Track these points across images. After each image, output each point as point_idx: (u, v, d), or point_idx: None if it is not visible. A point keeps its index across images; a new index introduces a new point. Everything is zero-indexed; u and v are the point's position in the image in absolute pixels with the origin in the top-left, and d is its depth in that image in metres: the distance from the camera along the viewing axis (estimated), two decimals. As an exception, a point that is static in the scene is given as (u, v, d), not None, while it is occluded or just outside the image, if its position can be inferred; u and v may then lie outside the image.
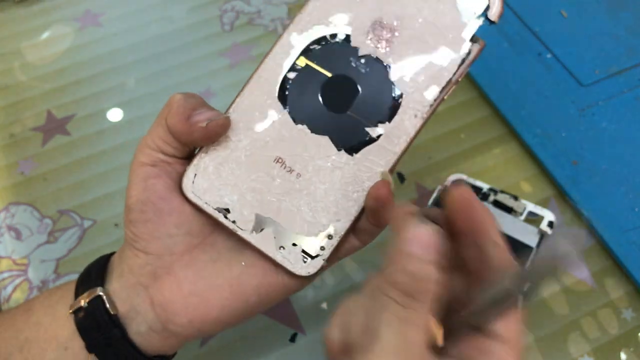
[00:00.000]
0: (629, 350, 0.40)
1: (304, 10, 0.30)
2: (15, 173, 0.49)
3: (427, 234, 0.23)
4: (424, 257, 0.23)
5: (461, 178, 0.26)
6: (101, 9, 0.59)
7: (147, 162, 0.30)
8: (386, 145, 0.29)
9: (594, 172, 0.46)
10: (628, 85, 0.50)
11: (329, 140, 0.29)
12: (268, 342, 0.41)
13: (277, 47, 0.30)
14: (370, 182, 0.29)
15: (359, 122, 0.29)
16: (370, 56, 0.30)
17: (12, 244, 0.45)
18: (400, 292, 0.23)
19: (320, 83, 0.30)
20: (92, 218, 0.47)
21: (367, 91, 0.29)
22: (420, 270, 0.23)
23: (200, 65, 0.55)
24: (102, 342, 0.30)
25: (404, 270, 0.23)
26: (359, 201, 0.29)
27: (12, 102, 0.53)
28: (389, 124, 0.29)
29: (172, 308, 0.30)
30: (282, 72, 0.30)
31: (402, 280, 0.23)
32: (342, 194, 0.29)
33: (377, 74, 0.29)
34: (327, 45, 0.30)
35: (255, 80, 0.30)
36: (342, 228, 0.29)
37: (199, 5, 0.59)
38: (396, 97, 0.29)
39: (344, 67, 0.30)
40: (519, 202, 0.44)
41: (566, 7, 0.55)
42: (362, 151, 0.29)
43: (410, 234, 0.23)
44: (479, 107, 0.51)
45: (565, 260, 0.21)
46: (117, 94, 0.53)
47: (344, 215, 0.29)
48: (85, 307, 0.30)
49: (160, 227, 0.30)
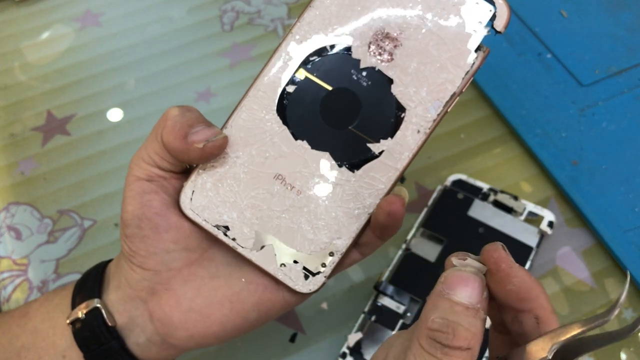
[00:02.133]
0: (629, 350, 0.40)
1: (303, 19, 0.29)
2: (15, 173, 0.49)
3: (475, 282, 0.23)
4: (469, 308, 0.22)
5: (497, 243, 0.25)
6: (101, 9, 0.59)
7: (143, 176, 0.29)
8: (388, 162, 0.28)
9: (594, 172, 0.46)
10: (628, 85, 0.50)
11: (329, 156, 0.29)
12: (268, 342, 0.41)
13: (275, 58, 0.29)
14: (372, 199, 0.29)
15: (360, 137, 0.29)
16: (372, 69, 0.29)
17: (12, 244, 0.45)
18: (431, 340, 0.22)
19: (320, 97, 0.29)
20: (92, 218, 0.47)
21: (368, 105, 0.29)
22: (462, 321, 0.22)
23: (200, 65, 0.55)
24: (101, 354, 0.30)
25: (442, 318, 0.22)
26: (360, 218, 0.29)
27: (12, 102, 0.53)
28: (391, 139, 0.28)
29: (171, 323, 0.30)
30: (280, 85, 0.29)
31: (436, 328, 0.22)
32: (344, 211, 0.29)
33: (379, 87, 0.29)
34: (327, 57, 0.29)
35: (253, 93, 0.29)
36: (343, 245, 0.29)
37: (199, 5, 0.59)
38: (398, 112, 0.28)
39: (344, 80, 0.29)
40: (519, 202, 0.44)
41: (566, 7, 0.55)
42: (363, 168, 0.29)
43: (456, 280, 0.23)
44: (479, 107, 0.51)
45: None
46: (117, 94, 0.53)
47: (345, 233, 0.29)
48: (83, 319, 0.30)
49: (157, 243, 0.29)
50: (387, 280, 0.41)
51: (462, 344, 0.22)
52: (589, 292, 0.42)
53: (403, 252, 0.42)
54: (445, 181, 0.46)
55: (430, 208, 0.45)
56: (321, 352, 0.41)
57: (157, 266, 0.29)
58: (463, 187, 0.45)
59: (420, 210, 0.45)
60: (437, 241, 0.43)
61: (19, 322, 0.32)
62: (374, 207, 0.29)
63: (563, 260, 0.43)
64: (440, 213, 0.44)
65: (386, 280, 0.41)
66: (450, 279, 0.23)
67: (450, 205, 0.44)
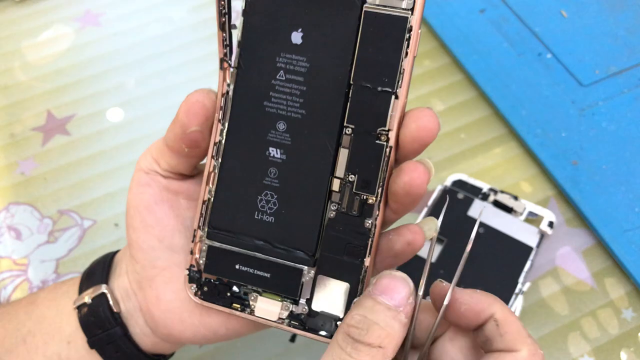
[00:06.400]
0: (629, 350, 0.40)
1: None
2: (15, 173, 0.49)
3: (402, 287, 0.23)
4: (390, 309, 0.23)
5: (437, 281, 0.26)
6: (101, 9, 0.59)
7: (143, 168, 0.30)
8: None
9: (594, 172, 0.46)
10: (628, 85, 0.50)
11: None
12: (268, 342, 0.41)
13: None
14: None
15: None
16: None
17: (12, 244, 0.45)
18: (345, 334, 0.23)
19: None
20: (92, 218, 0.47)
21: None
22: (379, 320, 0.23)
23: (200, 65, 0.55)
24: (104, 339, 0.30)
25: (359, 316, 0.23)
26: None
27: (12, 102, 0.53)
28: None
29: (153, 319, 0.30)
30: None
31: (353, 324, 0.23)
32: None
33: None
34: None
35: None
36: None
37: (199, 5, 0.59)
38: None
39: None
40: (519, 202, 0.44)
41: (566, 7, 0.55)
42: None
43: (385, 283, 0.23)
44: (479, 107, 0.51)
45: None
46: (117, 94, 0.53)
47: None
48: (89, 304, 0.31)
49: (144, 237, 0.30)
50: (387, 280, 0.41)
51: (374, 341, 0.22)
52: (589, 292, 0.42)
53: (403, 252, 0.42)
54: (445, 181, 0.46)
55: (430, 208, 0.45)
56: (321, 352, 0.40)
57: (144, 261, 0.30)
58: (463, 187, 0.45)
59: (420, 210, 0.45)
60: (437, 241, 0.43)
61: (26, 309, 0.33)
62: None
63: (563, 260, 0.43)
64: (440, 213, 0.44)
65: (386, 280, 0.41)
66: (380, 281, 0.24)
67: (450, 205, 0.44)
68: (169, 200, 0.30)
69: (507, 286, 0.40)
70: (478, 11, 0.55)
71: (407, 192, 0.25)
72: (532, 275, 0.42)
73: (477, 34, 0.54)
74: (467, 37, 0.53)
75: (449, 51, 0.54)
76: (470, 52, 0.53)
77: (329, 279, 0.27)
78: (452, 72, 0.53)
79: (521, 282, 0.41)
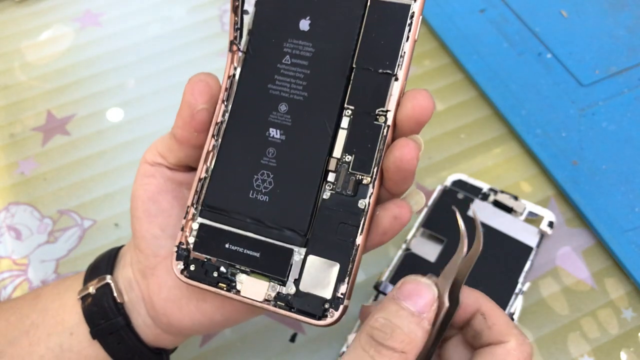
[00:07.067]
0: (629, 350, 0.40)
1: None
2: (15, 173, 0.49)
3: (427, 293, 0.23)
4: (414, 315, 0.23)
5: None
6: (101, 9, 0.59)
7: (149, 160, 0.30)
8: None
9: (594, 172, 0.46)
10: (628, 85, 0.50)
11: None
12: (268, 342, 0.41)
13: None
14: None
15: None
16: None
17: (12, 244, 0.45)
18: (369, 336, 0.23)
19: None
20: (92, 218, 0.47)
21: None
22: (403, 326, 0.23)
23: (200, 65, 0.55)
24: (106, 329, 0.30)
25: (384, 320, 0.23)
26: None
27: (12, 102, 0.53)
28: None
29: (154, 307, 0.30)
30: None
31: (377, 326, 0.23)
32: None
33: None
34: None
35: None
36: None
37: (199, 5, 0.59)
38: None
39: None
40: (519, 202, 0.44)
41: (566, 7, 0.55)
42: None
43: (409, 288, 0.24)
44: (479, 107, 0.51)
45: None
46: (117, 94, 0.53)
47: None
48: (93, 294, 0.31)
49: (147, 226, 0.30)
50: (387, 280, 0.41)
51: (397, 345, 0.22)
52: (589, 292, 0.42)
53: (403, 252, 0.42)
54: (445, 181, 0.46)
55: (431, 208, 0.45)
56: (321, 352, 0.41)
57: (147, 250, 0.30)
58: (463, 187, 0.45)
59: (420, 210, 0.45)
60: (437, 241, 0.43)
61: (30, 303, 0.33)
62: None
63: (563, 260, 0.43)
64: (440, 213, 0.44)
65: (386, 280, 0.41)
66: (405, 286, 0.24)
67: (450, 205, 0.44)
68: (173, 191, 0.30)
69: (507, 286, 0.41)
70: (478, 11, 0.55)
71: (398, 167, 0.25)
72: (532, 275, 0.42)
73: (477, 34, 0.54)
74: (467, 37, 0.53)
75: (449, 51, 0.54)
76: (470, 52, 0.53)
77: (319, 259, 0.26)
78: (452, 72, 0.53)
79: (521, 282, 0.41)
